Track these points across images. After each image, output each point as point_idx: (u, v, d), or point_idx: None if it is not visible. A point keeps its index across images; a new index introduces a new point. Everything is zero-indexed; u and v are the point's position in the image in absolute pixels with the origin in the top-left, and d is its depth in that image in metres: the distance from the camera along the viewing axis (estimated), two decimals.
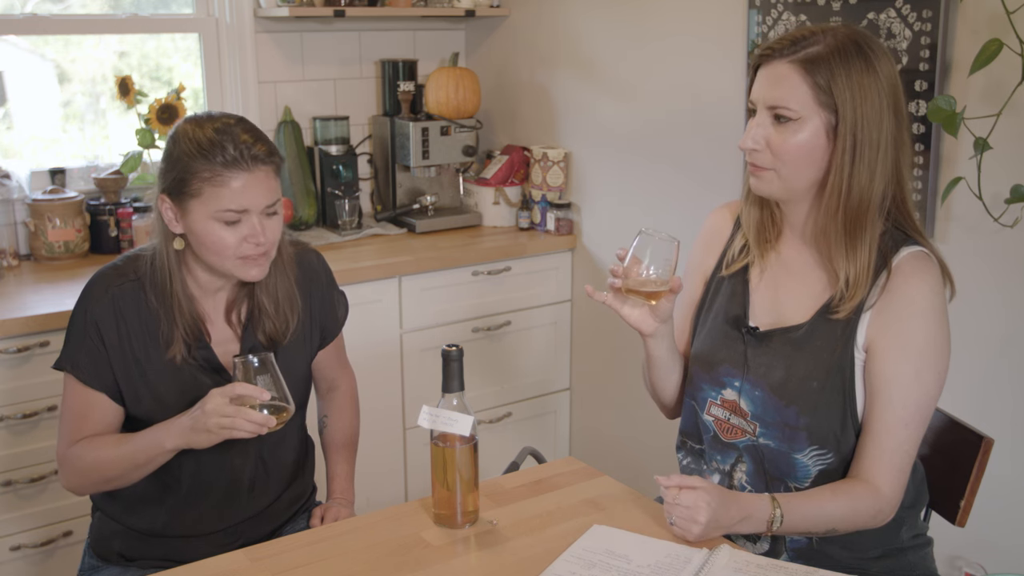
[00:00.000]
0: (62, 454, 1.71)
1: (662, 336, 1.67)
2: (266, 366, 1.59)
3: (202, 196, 1.60)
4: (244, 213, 1.62)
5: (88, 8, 3.05)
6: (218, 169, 1.59)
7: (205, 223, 1.62)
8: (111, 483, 1.70)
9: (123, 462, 1.65)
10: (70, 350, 1.70)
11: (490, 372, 3.20)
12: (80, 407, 1.70)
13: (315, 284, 1.87)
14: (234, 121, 1.65)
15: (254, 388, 1.55)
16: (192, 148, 1.60)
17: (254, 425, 1.54)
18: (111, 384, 1.69)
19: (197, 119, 1.65)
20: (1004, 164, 2.04)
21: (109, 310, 1.68)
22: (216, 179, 1.59)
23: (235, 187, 1.60)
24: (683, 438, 1.78)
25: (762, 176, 1.57)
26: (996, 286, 2.13)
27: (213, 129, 1.61)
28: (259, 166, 1.62)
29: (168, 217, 1.65)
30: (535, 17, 3.30)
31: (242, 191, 1.60)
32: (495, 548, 1.52)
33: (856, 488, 1.53)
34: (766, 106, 1.53)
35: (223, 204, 1.60)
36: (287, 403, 1.60)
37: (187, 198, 1.62)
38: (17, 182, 2.88)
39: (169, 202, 1.64)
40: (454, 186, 3.43)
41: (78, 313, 1.70)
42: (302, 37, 3.28)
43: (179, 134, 1.64)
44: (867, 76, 1.49)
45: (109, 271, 1.72)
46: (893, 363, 1.53)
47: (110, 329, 1.68)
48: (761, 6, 2.51)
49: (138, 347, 1.69)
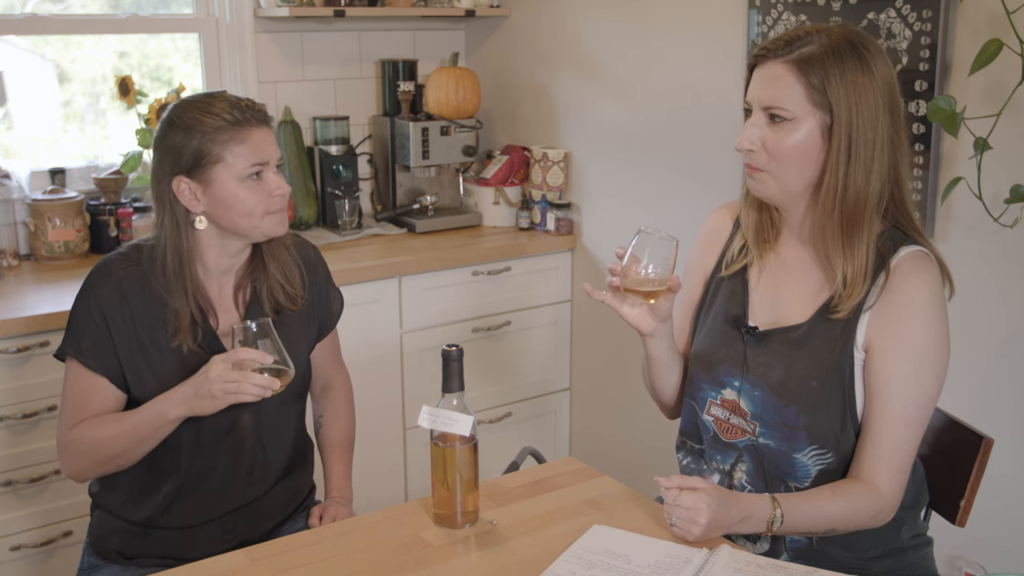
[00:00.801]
0: (62, 440, 1.72)
1: (661, 335, 1.67)
2: (265, 330, 1.60)
3: (225, 159, 1.66)
4: (264, 166, 1.69)
5: (88, 8, 3.05)
6: (233, 129, 1.65)
7: (231, 187, 1.67)
8: (113, 462, 1.70)
9: (125, 438, 1.66)
10: (73, 336, 1.71)
11: (490, 372, 3.20)
12: (82, 393, 1.71)
13: (313, 276, 1.89)
14: (219, 93, 1.72)
15: (256, 352, 1.57)
16: (201, 117, 1.65)
17: (259, 388, 1.56)
18: (115, 368, 1.70)
19: (185, 100, 1.71)
20: (1004, 164, 2.04)
21: (115, 294, 1.70)
22: (236, 137, 1.66)
23: (256, 139, 1.67)
24: (683, 438, 1.78)
25: (758, 178, 1.57)
26: (996, 286, 2.13)
27: (207, 102, 1.67)
28: (263, 124, 1.70)
29: (187, 198, 1.68)
30: (535, 17, 3.30)
31: (261, 143, 1.68)
32: (495, 548, 1.52)
33: (856, 488, 1.53)
34: (761, 106, 1.54)
35: (249, 159, 1.67)
36: (287, 366, 1.61)
37: (208, 167, 1.66)
38: (17, 182, 2.88)
39: (187, 181, 1.67)
40: (454, 186, 3.43)
41: (81, 299, 1.72)
42: (302, 37, 3.29)
43: (176, 117, 1.68)
44: (862, 76, 1.49)
45: (113, 258, 1.74)
46: (892, 363, 1.53)
47: (115, 312, 1.69)
48: (761, 6, 2.51)
49: (143, 331, 1.70)
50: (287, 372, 1.61)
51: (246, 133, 1.66)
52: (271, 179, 1.70)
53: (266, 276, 1.78)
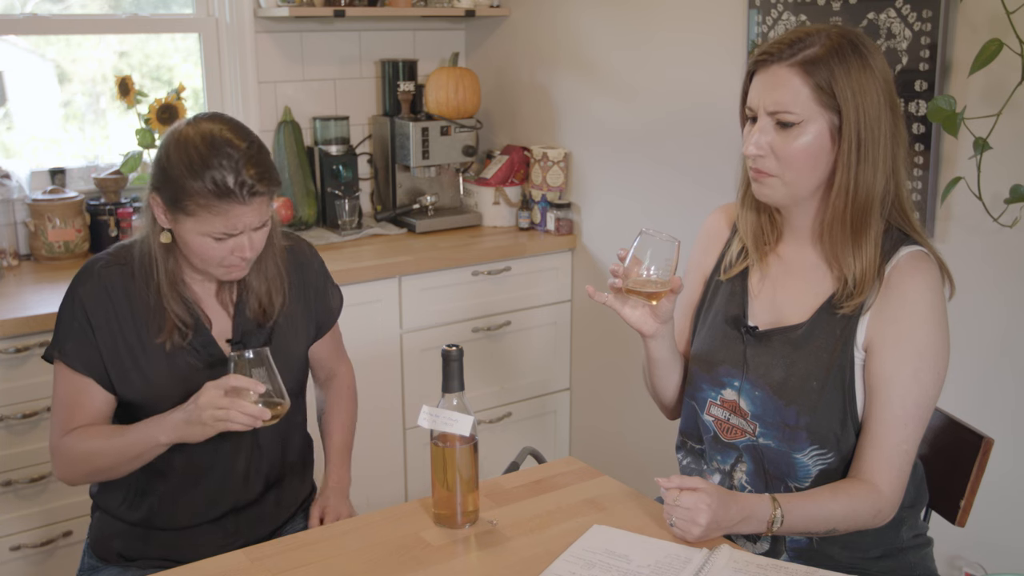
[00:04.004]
0: (55, 444, 1.72)
1: (662, 337, 1.67)
2: (262, 359, 1.60)
3: (195, 217, 1.61)
4: (235, 235, 1.64)
5: (88, 8, 3.05)
6: (214, 201, 1.59)
7: (194, 236, 1.64)
8: (102, 474, 1.71)
9: (115, 454, 1.66)
10: (58, 338, 1.71)
11: (490, 372, 3.20)
12: (70, 395, 1.71)
13: (309, 274, 1.88)
14: (244, 145, 1.62)
15: (249, 380, 1.56)
16: (191, 172, 1.59)
17: (248, 417, 1.54)
18: (99, 369, 1.70)
19: (199, 131, 1.62)
20: (1004, 164, 2.04)
21: (99, 293, 1.69)
22: (212, 207, 1.60)
23: (230, 216, 1.61)
24: (683, 438, 1.78)
25: (766, 182, 1.56)
26: (996, 286, 2.13)
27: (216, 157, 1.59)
28: (256, 198, 1.62)
29: (158, 214, 1.67)
30: (535, 17, 3.30)
31: (237, 218, 1.62)
32: (495, 548, 1.52)
33: (856, 488, 1.53)
34: (767, 111, 1.53)
35: (215, 228, 1.62)
36: (282, 398, 1.60)
37: (179, 212, 1.62)
38: (17, 182, 2.88)
39: (161, 204, 1.65)
40: (454, 186, 3.43)
41: (66, 300, 1.72)
42: (302, 37, 3.28)
43: (179, 149, 1.61)
44: (864, 73, 1.49)
45: (97, 259, 1.74)
46: (892, 363, 1.53)
47: (98, 312, 1.69)
48: (761, 6, 2.51)
49: (128, 331, 1.70)
50: (281, 404, 1.60)
51: (226, 208, 1.59)
52: (239, 241, 1.64)
53: (245, 284, 1.77)
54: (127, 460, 1.66)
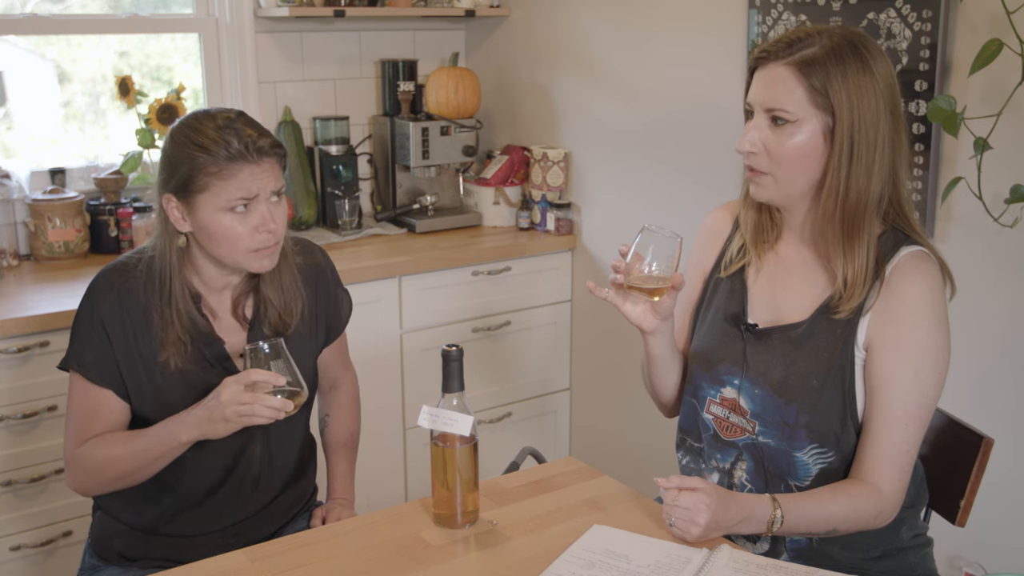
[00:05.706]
0: (70, 455, 1.69)
1: (663, 333, 1.67)
2: (278, 351, 1.59)
3: (209, 190, 1.61)
4: (253, 200, 1.63)
5: (88, 8, 3.05)
6: (224, 164, 1.60)
7: (214, 215, 1.62)
8: (121, 481, 1.68)
9: (135, 458, 1.64)
10: (76, 349, 1.69)
11: (490, 372, 3.20)
12: (87, 406, 1.69)
13: (321, 281, 1.87)
14: (234, 115, 1.65)
15: (269, 373, 1.55)
16: (195, 147, 1.60)
17: (272, 410, 1.54)
18: (118, 381, 1.68)
19: (196, 117, 1.65)
20: (1004, 164, 2.04)
21: (115, 307, 1.68)
22: (223, 172, 1.60)
23: (243, 177, 1.61)
24: (683, 435, 1.78)
25: (759, 180, 1.57)
26: (996, 286, 2.13)
27: (215, 127, 1.61)
28: (264, 158, 1.63)
29: (175, 216, 1.65)
30: (535, 17, 3.30)
31: (250, 180, 1.61)
32: (495, 548, 1.52)
33: (857, 488, 1.53)
34: (763, 108, 1.53)
35: (232, 194, 1.61)
36: (301, 387, 1.60)
37: (194, 194, 1.62)
38: (17, 182, 2.88)
39: (175, 201, 1.64)
40: (454, 186, 3.43)
41: (84, 311, 1.70)
42: (302, 37, 3.28)
43: (179, 134, 1.64)
44: (863, 77, 1.49)
45: (114, 268, 1.72)
46: (892, 363, 1.53)
47: (116, 326, 1.67)
48: (761, 6, 2.51)
49: (144, 344, 1.68)
50: (300, 393, 1.59)
51: (237, 169, 1.60)
52: (261, 213, 1.63)
53: (261, 298, 1.76)
54: (148, 462, 1.64)
